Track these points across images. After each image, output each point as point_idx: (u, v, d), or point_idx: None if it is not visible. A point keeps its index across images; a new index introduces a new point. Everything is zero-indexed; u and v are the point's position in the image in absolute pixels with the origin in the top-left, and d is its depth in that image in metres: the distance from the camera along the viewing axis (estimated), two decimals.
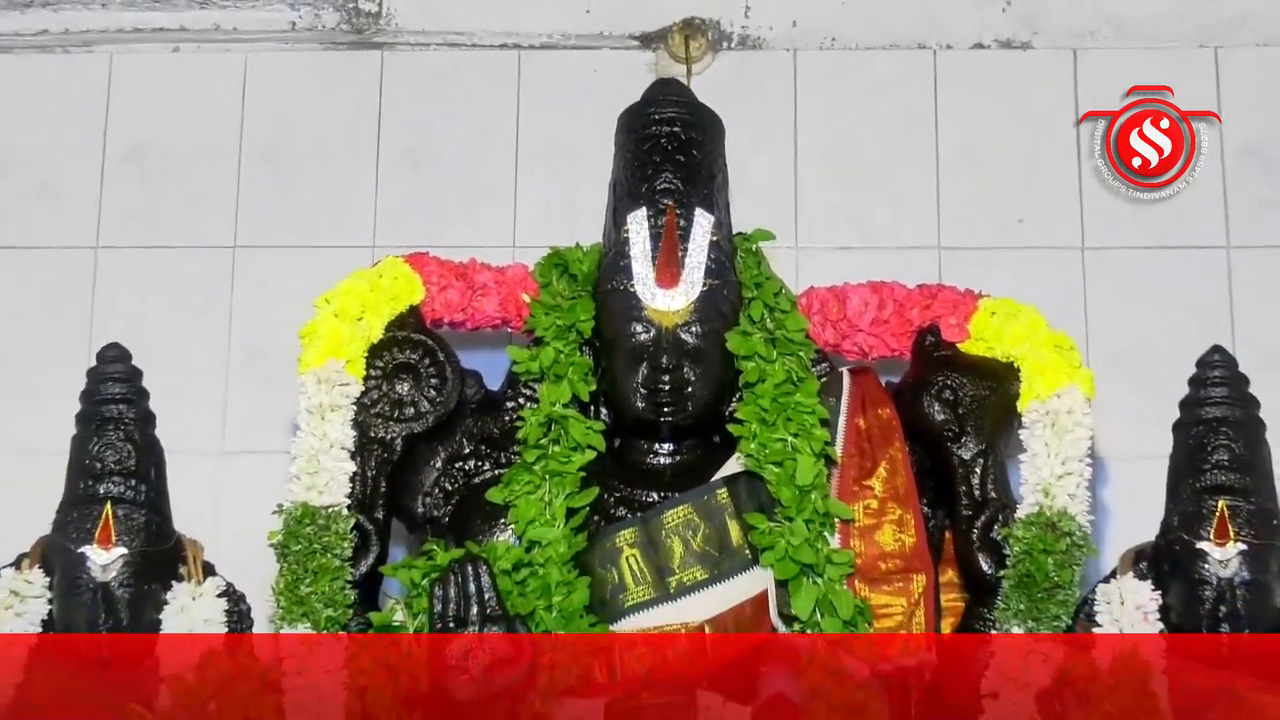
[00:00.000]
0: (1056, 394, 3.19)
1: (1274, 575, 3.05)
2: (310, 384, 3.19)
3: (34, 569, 3.12)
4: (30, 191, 3.80)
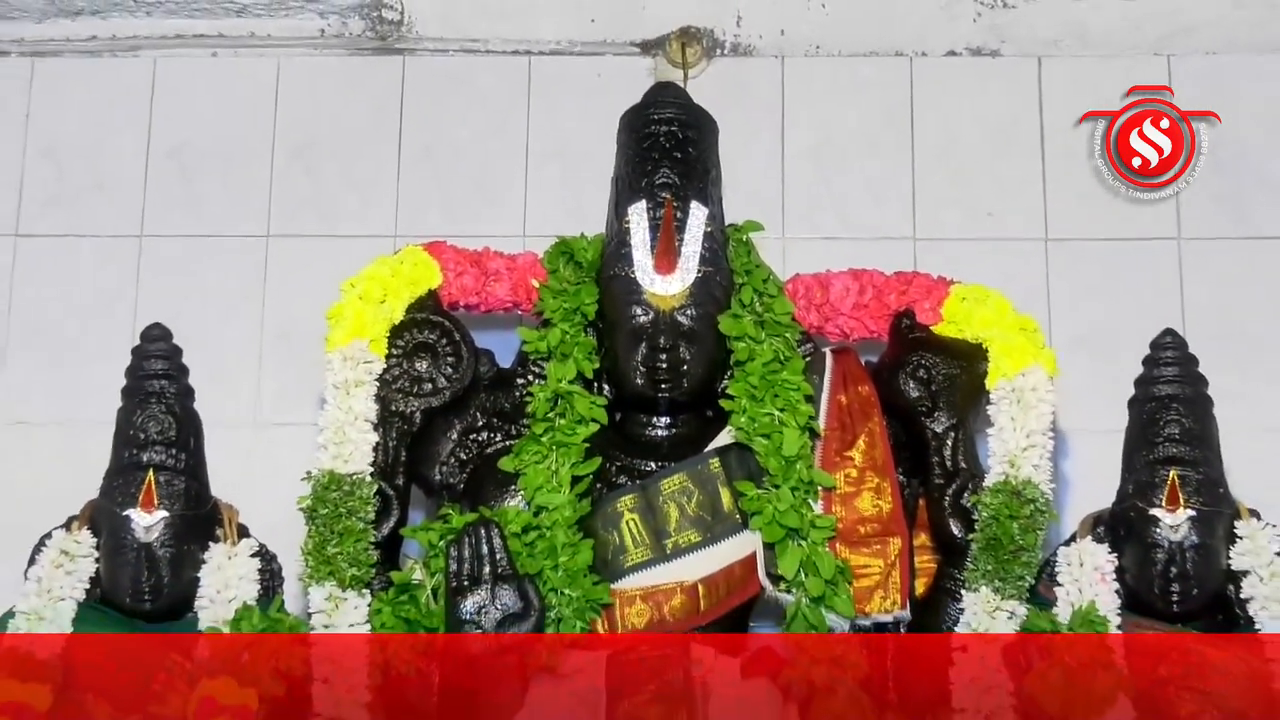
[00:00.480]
0: (1021, 373, 3.19)
1: (1220, 539, 3.07)
2: (337, 361, 3.19)
3: (83, 530, 3.13)
4: (80, 184, 3.80)
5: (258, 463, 3.37)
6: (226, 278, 3.74)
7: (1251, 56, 3.72)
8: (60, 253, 3.76)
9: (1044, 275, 3.66)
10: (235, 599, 3.06)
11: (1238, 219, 3.72)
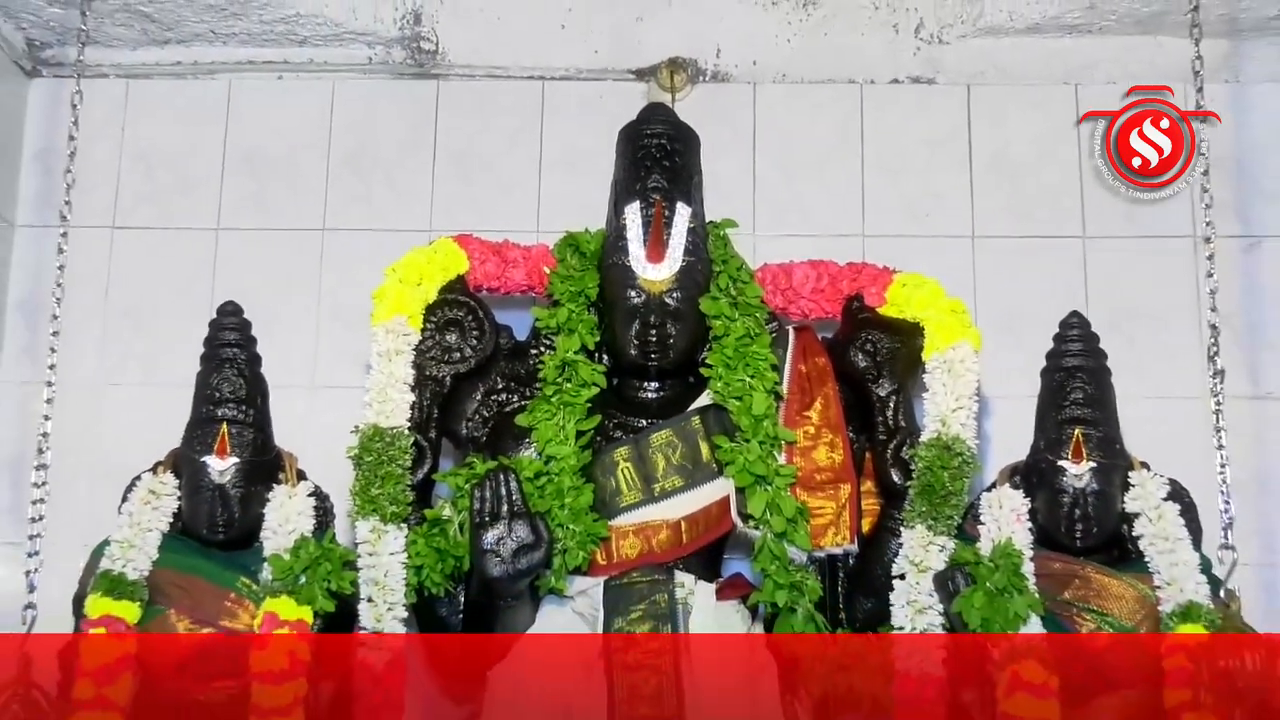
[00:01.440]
0: (952, 347, 3.20)
1: (1116, 487, 3.08)
2: (381, 334, 3.20)
3: (167, 474, 3.14)
4: (166, 185, 3.80)
5: (313, 418, 3.37)
6: (288, 264, 3.73)
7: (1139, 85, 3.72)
8: (149, 242, 3.76)
9: (971, 266, 3.66)
10: (294, 531, 3.06)
11: (1130, 221, 3.72)
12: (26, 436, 3.33)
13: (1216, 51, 3.34)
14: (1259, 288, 3.64)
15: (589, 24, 3.81)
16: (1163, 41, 3.64)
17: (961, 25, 3.76)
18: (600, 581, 3.12)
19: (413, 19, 3.76)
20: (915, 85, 3.83)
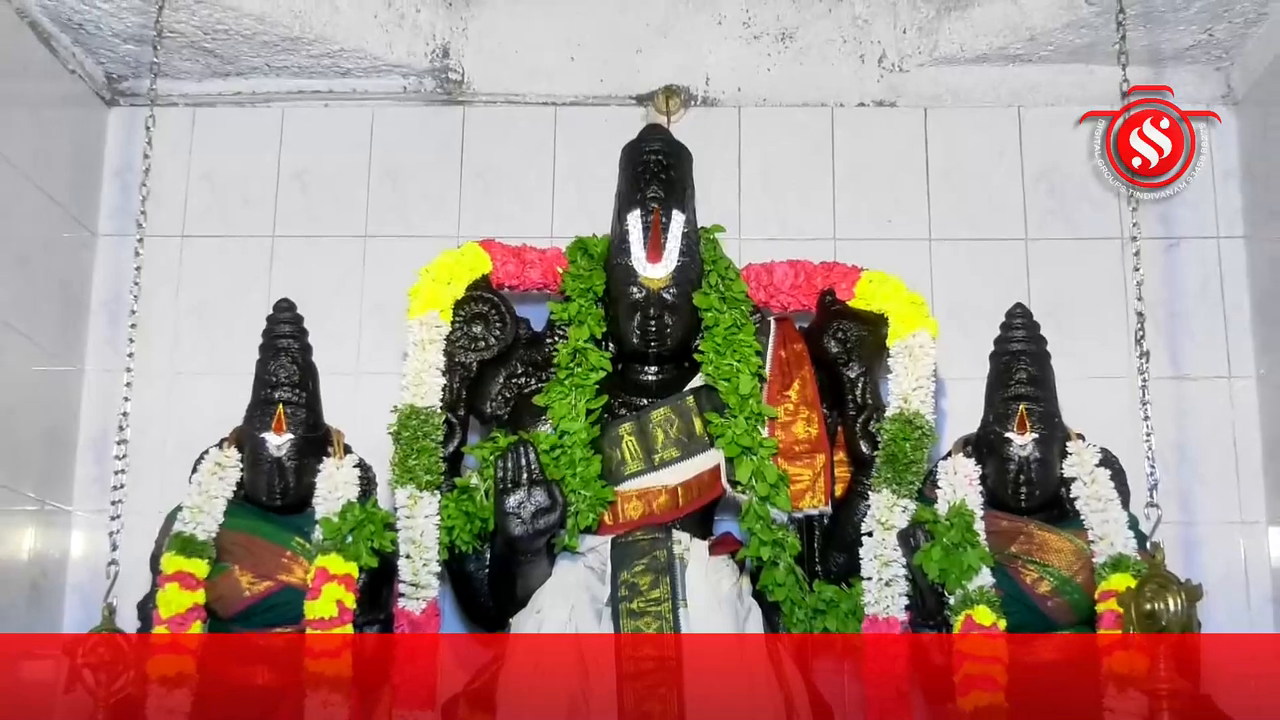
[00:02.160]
0: (912, 335, 3.21)
1: (1055, 455, 3.10)
2: (415, 326, 3.21)
3: (231, 448, 3.16)
4: (228, 200, 3.80)
5: (358, 400, 3.37)
6: (335, 266, 3.73)
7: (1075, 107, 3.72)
8: (213, 249, 3.77)
9: (928, 265, 3.66)
10: (342, 497, 3.08)
11: (1067, 224, 3.73)
12: (108, 418, 3.34)
13: (1140, 76, 3.33)
14: (1178, 282, 3.65)
15: (595, 56, 3.81)
16: (1094, 69, 3.65)
17: (919, 55, 3.77)
18: (608, 539, 3.13)
19: (441, 53, 3.77)
20: (879, 108, 3.84)
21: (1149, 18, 3.48)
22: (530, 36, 3.80)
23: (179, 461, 3.18)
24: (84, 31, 3.52)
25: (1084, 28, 3.54)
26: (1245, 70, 3.66)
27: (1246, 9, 3.47)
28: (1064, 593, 3.02)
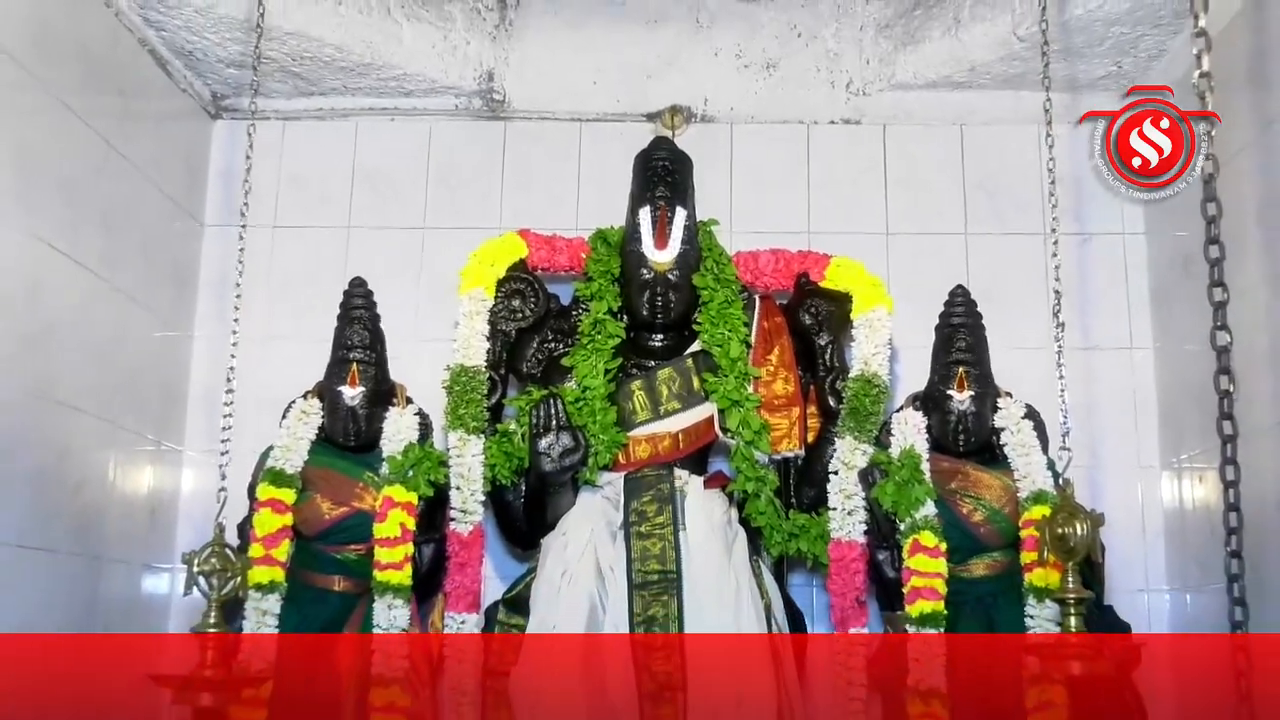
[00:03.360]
0: (872, 310, 3.22)
1: (988, 409, 3.11)
2: (465, 300, 3.22)
3: (313, 399, 3.17)
4: (311, 196, 3.80)
5: (418, 360, 3.35)
6: (398, 251, 3.73)
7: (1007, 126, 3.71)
8: (299, 236, 3.77)
9: (885, 253, 3.65)
10: (404, 439, 3.09)
11: (999, 221, 3.72)
12: (214, 375, 3.36)
13: (1061, 101, 3.31)
14: (1089, 270, 3.65)
15: (613, 81, 3.79)
16: (1022, 94, 3.62)
17: (879, 82, 3.76)
18: (621, 475, 3.15)
19: (487, 78, 3.76)
20: (846, 125, 3.82)
21: (1069, 52, 3.47)
22: (560, 65, 3.79)
23: (271, 410, 3.18)
24: (194, 58, 3.52)
25: (1015, 60, 3.53)
26: None
27: (1149, 46, 3.45)
28: (994, 521, 3.03)
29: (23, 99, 2.79)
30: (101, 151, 3.16)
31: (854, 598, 3.05)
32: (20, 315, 2.79)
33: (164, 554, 3.47)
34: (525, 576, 3.15)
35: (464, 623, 3.06)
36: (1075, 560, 2.48)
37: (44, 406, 2.89)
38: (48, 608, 2.89)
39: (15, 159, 2.76)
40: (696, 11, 3.77)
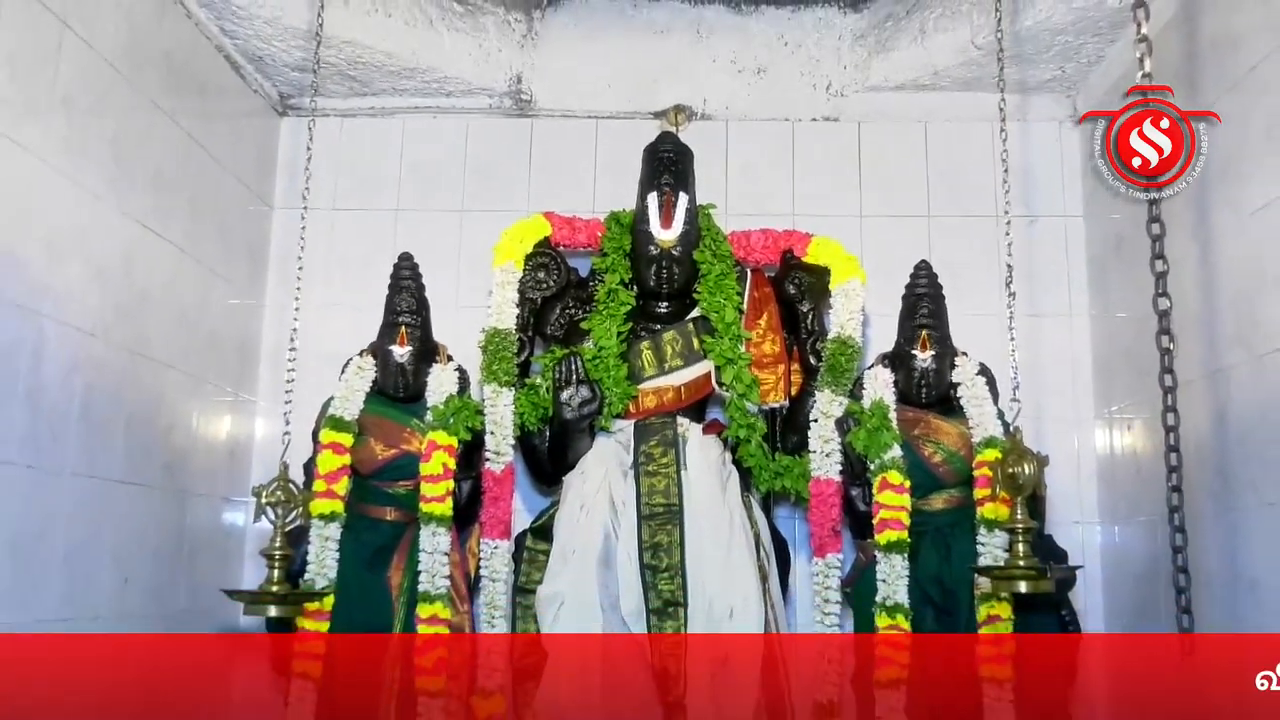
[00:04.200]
0: (847, 281, 3.22)
1: (947, 367, 3.12)
2: (498, 273, 3.21)
3: (367, 357, 3.18)
4: (365, 183, 3.78)
5: (458, 324, 3.34)
6: (439, 230, 3.72)
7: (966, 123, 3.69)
8: (355, 218, 3.76)
9: (859, 233, 3.61)
10: (445, 391, 3.10)
11: (957, 204, 3.71)
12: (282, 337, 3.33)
13: (1013, 102, 3.29)
14: (1036, 247, 3.63)
15: (625, 84, 3.77)
16: (979, 95, 3.60)
17: (855, 85, 3.73)
18: (631, 423, 3.16)
19: (516, 80, 3.74)
20: (826, 123, 3.80)
21: (1019, 58, 3.45)
22: (579, 70, 3.76)
23: (330, 367, 3.19)
24: (263, 63, 3.51)
25: (973, 65, 3.51)
26: (1087, 96, 3.63)
27: (1089, 53, 3.43)
28: (951, 463, 3.04)
29: (118, 100, 2.80)
30: (185, 144, 3.16)
31: (830, 527, 3.06)
32: (118, 286, 2.80)
33: (240, 489, 3.49)
34: (549, 509, 3.17)
35: (496, 548, 3.08)
36: (1023, 496, 2.48)
37: (139, 364, 2.91)
38: (143, 533, 2.92)
39: (112, 151, 2.77)
40: (697, 24, 3.74)
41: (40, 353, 2.47)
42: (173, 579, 3.08)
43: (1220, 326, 2.76)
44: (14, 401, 2.38)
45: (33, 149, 2.44)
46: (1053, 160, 3.72)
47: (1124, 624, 3.29)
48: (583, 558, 2.97)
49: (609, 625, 2.91)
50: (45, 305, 2.49)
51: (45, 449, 2.49)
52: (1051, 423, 3.48)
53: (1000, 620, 2.82)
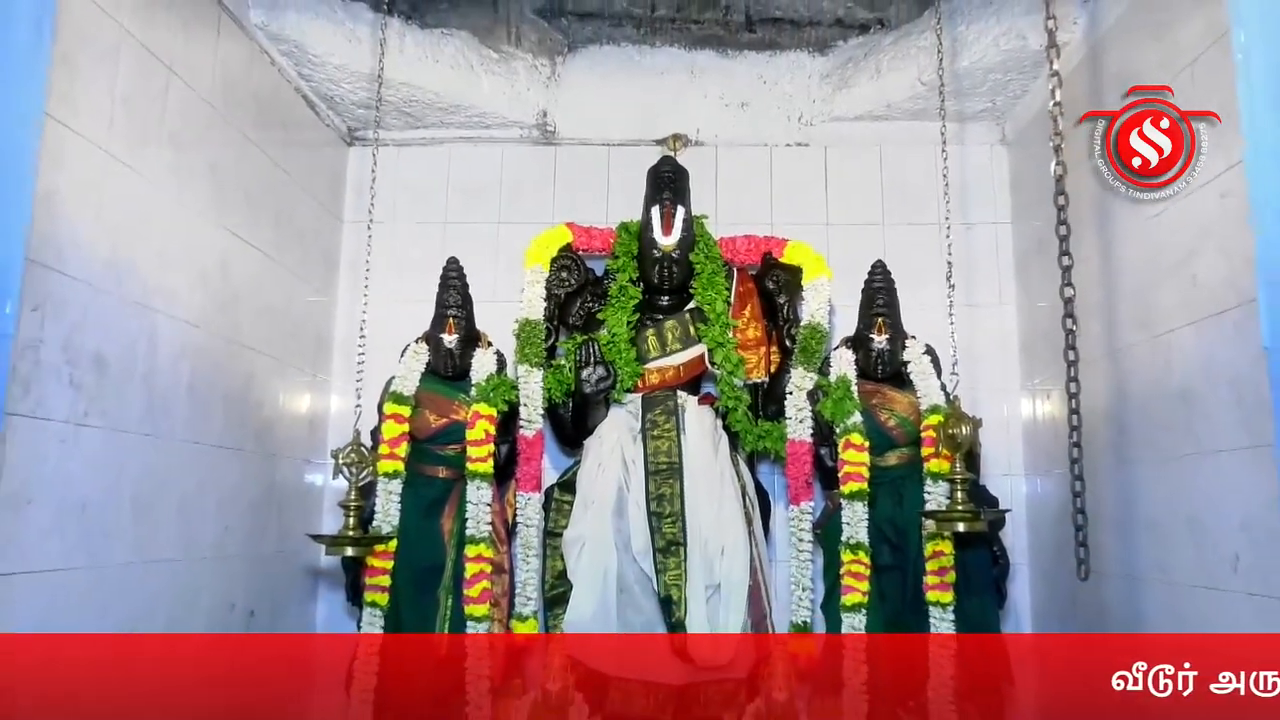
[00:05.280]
0: (817, 278, 3.22)
1: (899, 347, 3.12)
2: (529, 273, 3.21)
3: (421, 343, 3.18)
4: (418, 200, 3.75)
5: (496, 315, 3.32)
6: (480, 240, 3.67)
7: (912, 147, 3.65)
8: (410, 229, 3.72)
9: (826, 238, 3.55)
10: (487, 371, 3.10)
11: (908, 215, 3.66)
12: (351, 328, 3.36)
13: (952, 129, 3.27)
14: (972, 249, 3.59)
15: (632, 117, 3.74)
16: (925, 124, 3.54)
17: (822, 116, 3.71)
18: (639, 396, 3.15)
19: (542, 115, 3.72)
20: (798, 148, 3.77)
21: (958, 93, 3.43)
22: (595, 106, 3.74)
23: (391, 352, 3.19)
24: (334, 101, 3.51)
25: (919, 99, 3.49)
26: (1014, 123, 3.61)
27: (1015, 87, 3.41)
28: (903, 426, 3.04)
29: (215, 133, 2.80)
30: (270, 170, 3.16)
31: (804, 480, 3.07)
32: (216, 286, 2.81)
33: (319, 454, 3.50)
34: (572, 467, 3.18)
35: (529, 499, 3.09)
36: (961, 452, 2.50)
37: (233, 350, 2.92)
38: (239, 489, 2.94)
39: (210, 174, 2.77)
40: (691, 67, 3.73)
41: (154, 342, 2.49)
42: (265, 526, 3.10)
43: (1123, 312, 2.76)
44: (134, 382, 2.40)
45: (146, 175, 2.45)
46: (985, 177, 3.69)
47: (1044, 558, 3.30)
48: (600, 507, 2.99)
49: (622, 562, 2.93)
50: (158, 303, 2.50)
51: (159, 420, 2.50)
52: (985, 393, 3.47)
53: (943, 555, 2.83)
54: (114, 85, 2.31)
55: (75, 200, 2.17)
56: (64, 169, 2.13)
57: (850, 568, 2.89)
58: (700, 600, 2.85)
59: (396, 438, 3.01)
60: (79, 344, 2.17)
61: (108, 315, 2.28)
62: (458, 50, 3.53)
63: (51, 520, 2.09)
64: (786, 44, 3.71)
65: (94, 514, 2.23)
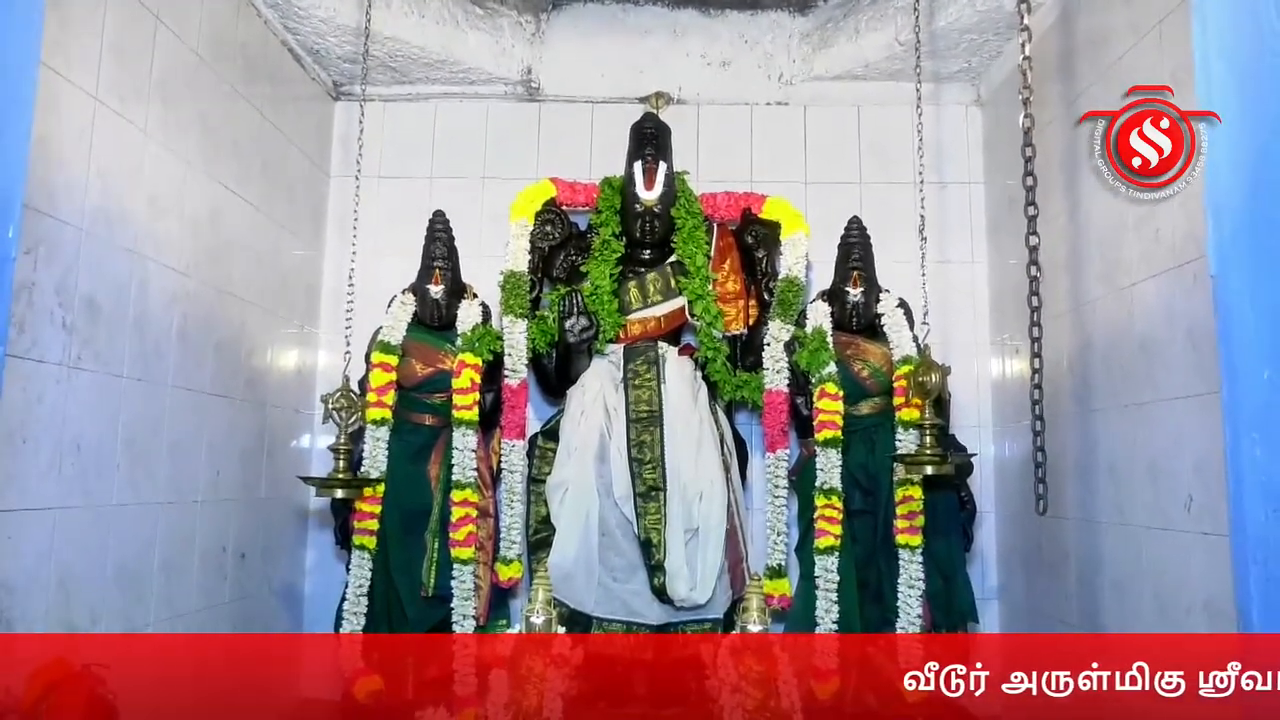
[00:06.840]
0: (795, 233, 3.24)
1: (873, 300, 3.15)
2: (514, 227, 3.21)
3: (408, 294, 3.19)
4: (405, 155, 3.74)
5: (481, 268, 3.33)
6: (465, 195, 3.66)
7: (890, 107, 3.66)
8: (397, 184, 3.70)
9: (804, 195, 3.59)
10: (472, 321, 3.11)
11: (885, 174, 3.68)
12: (339, 280, 3.37)
13: (928, 89, 3.30)
14: (945, 207, 3.62)
15: (615, 74, 3.73)
16: (901, 84, 3.56)
17: (802, 75, 3.71)
18: (621, 346, 3.17)
19: (527, 71, 3.71)
20: (778, 106, 3.77)
21: (934, 53, 3.44)
22: (579, 64, 3.72)
23: (378, 302, 3.20)
24: (320, 55, 3.47)
25: (896, 59, 3.49)
26: (988, 84, 3.63)
27: (990, 48, 3.43)
28: (876, 376, 3.09)
29: (204, 84, 2.78)
30: (258, 122, 3.14)
31: (780, 429, 3.11)
32: (206, 236, 2.80)
33: (307, 403, 3.51)
34: (556, 416, 3.21)
35: (514, 446, 3.12)
36: (930, 399, 2.54)
37: (224, 299, 2.92)
38: (230, 435, 2.95)
39: (200, 126, 2.76)
40: (674, 26, 3.71)
41: (145, 288, 2.49)
42: (255, 473, 3.12)
43: (1089, 268, 2.80)
44: (126, 327, 2.40)
45: (137, 124, 2.43)
46: (960, 137, 3.70)
47: (1010, 504, 3.37)
48: (583, 453, 3.02)
49: (604, 507, 2.97)
50: (149, 249, 2.50)
51: (151, 365, 2.51)
52: (956, 347, 3.51)
53: (912, 500, 2.89)
54: (103, 32, 2.29)
55: (68, 146, 2.17)
56: (57, 115, 2.12)
57: (824, 512, 2.94)
58: (679, 543, 2.90)
59: (384, 386, 3.03)
60: (71, 287, 2.18)
61: (99, 260, 2.28)
62: (443, 5, 3.50)
63: (49, 460, 2.11)
64: (768, 3, 3.69)
65: (89, 455, 2.25)
